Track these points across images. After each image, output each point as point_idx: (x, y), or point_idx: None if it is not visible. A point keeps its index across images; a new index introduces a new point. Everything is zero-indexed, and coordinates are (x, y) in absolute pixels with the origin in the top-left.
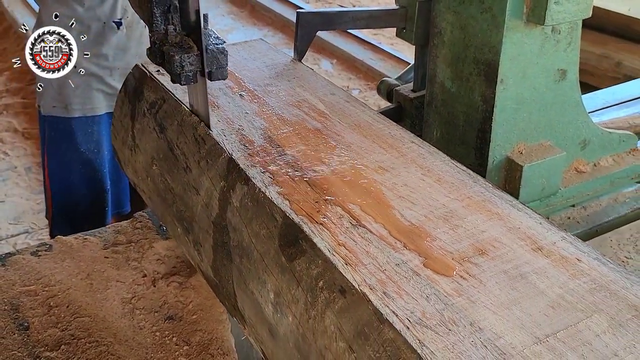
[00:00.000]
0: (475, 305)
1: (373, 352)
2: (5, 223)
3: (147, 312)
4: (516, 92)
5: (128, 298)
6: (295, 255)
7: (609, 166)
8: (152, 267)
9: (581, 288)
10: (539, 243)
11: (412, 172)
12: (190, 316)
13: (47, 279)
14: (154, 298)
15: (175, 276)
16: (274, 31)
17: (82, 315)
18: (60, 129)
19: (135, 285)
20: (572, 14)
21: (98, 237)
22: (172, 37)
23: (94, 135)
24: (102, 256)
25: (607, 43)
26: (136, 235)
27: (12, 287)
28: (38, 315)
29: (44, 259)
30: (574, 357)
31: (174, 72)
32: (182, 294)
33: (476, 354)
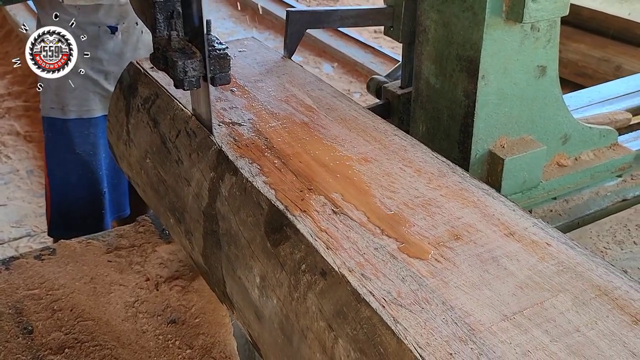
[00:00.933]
0: (448, 286)
1: (351, 330)
2: (8, 226)
3: (150, 315)
4: (497, 88)
5: (131, 302)
6: (280, 241)
7: (589, 160)
8: (155, 270)
9: (549, 270)
10: (511, 229)
11: (393, 163)
12: (193, 320)
13: (50, 283)
14: (157, 302)
15: (178, 280)
16: (275, 34)
17: (86, 319)
18: (57, 129)
19: (138, 289)
20: (549, 12)
21: (101, 241)
22: (175, 43)
23: (90, 137)
24: (106, 260)
25: (607, 46)
26: (139, 239)
27: (16, 291)
28: (42, 319)
29: (47, 263)
30: (538, 333)
31: (177, 77)
32: (185, 298)
33: (446, 330)
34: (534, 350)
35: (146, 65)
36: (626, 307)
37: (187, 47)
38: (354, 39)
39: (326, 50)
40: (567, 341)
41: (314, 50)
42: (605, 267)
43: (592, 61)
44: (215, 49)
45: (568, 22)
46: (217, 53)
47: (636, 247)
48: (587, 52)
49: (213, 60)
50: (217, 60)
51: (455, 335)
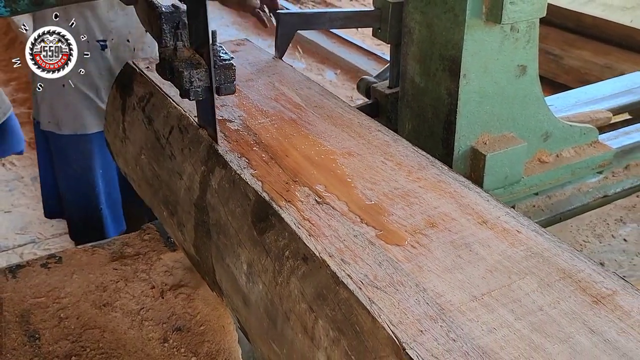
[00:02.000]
0: (422, 270)
1: (330, 310)
2: (12, 233)
3: (156, 323)
4: (478, 86)
5: (137, 309)
6: (266, 229)
7: (570, 157)
8: (160, 278)
9: (518, 255)
10: (484, 217)
11: (376, 157)
12: (198, 327)
13: (57, 291)
14: (162, 309)
15: (183, 287)
16: None
17: (92, 327)
18: (54, 144)
19: (144, 296)
20: (527, 14)
21: (107, 249)
22: (181, 53)
23: (85, 153)
24: (111, 268)
25: (610, 53)
26: (144, 247)
27: (23, 299)
28: (49, 327)
29: (54, 271)
30: (504, 312)
31: (183, 87)
32: (190, 305)
33: (418, 310)
34: (499, 327)
35: (142, 65)
36: (588, 288)
37: (192, 58)
38: (357, 46)
39: (329, 57)
40: (530, 319)
41: (317, 57)
42: (570, 252)
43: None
44: (221, 59)
45: (571, 29)
46: (222, 63)
47: (614, 240)
48: (589, 59)
49: (218, 70)
50: (222, 70)
51: (426, 314)
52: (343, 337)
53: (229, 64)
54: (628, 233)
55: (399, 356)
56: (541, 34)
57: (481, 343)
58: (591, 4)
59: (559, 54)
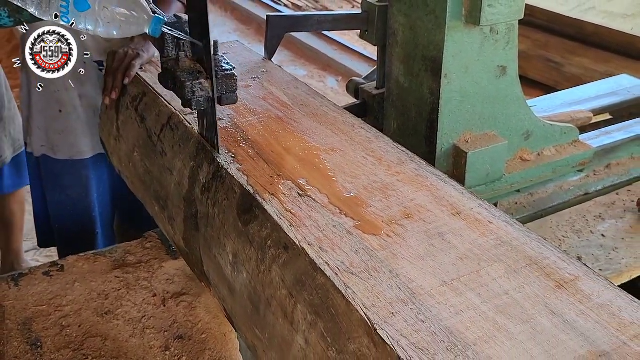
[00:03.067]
0: (396, 258)
1: (308, 295)
2: None
3: (157, 331)
4: (460, 86)
5: (138, 317)
6: (250, 220)
7: (551, 155)
8: (162, 286)
9: (488, 244)
10: (458, 209)
11: (357, 152)
12: (200, 335)
13: (59, 299)
14: (164, 317)
15: (184, 296)
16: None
17: (94, 335)
18: (47, 169)
19: (146, 304)
20: (505, 16)
21: (109, 257)
22: (183, 63)
23: (82, 179)
24: (113, 276)
25: (611, 61)
26: (146, 255)
27: (25, 307)
28: (51, 335)
29: (56, 279)
30: (471, 296)
31: (185, 97)
32: (192, 314)
33: (391, 294)
34: (466, 310)
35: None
36: (552, 274)
37: (194, 68)
38: (359, 53)
39: (331, 64)
40: (496, 302)
41: (319, 64)
42: (538, 241)
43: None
44: (222, 69)
45: (572, 37)
46: (224, 73)
47: (592, 235)
48: (590, 67)
49: (220, 80)
50: (224, 80)
51: (398, 298)
52: (320, 320)
53: (231, 74)
54: (606, 229)
55: (370, 336)
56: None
57: (448, 324)
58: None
59: (560, 62)
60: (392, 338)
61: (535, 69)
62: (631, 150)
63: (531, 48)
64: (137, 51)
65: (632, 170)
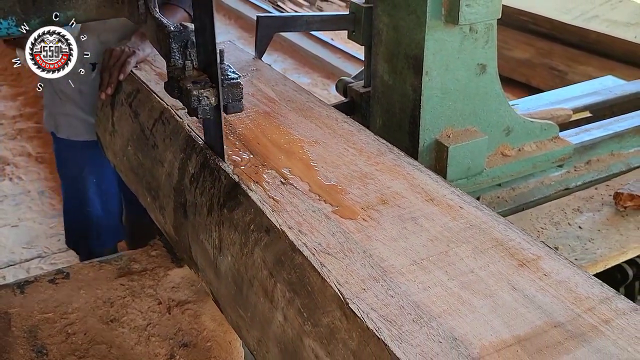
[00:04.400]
0: (371, 240)
1: (287, 274)
2: (19, 247)
3: (162, 339)
4: (441, 83)
5: (143, 325)
6: (234, 207)
7: (531, 151)
8: (167, 294)
9: (458, 227)
10: (431, 195)
11: (339, 144)
12: (205, 343)
13: (64, 306)
14: (169, 325)
15: (189, 304)
16: (284, 56)
17: (99, 343)
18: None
19: (151, 312)
20: (482, 15)
21: (114, 265)
22: (189, 72)
23: (77, 160)
24: (118, 284)
25: (614, 69)
26: (151, 262)
27: (31, 314)
28: (56, 342)
29: (61, 287)
30: (439, 273)
31: (191, 106)
32: (197, 321)
33: (363, 272)
34: (433, 286)
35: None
36: (516, 254)
37: (200, 76)
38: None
39: (334, 72)
40: (461, 279)
41: (323, 72)
42: (505, 224)
43: None
44: (228, 78)
45: (575, 45)
46: (230, 82)
47: (570, 227)
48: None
49: (226, 89)
50: (230, 88)
51: (370, 275)
52: (297, 297)
53: (236, 83)
54: (583, 221)
55: (342, 310)
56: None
57: (416, 299)
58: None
59: (563, 70)
60: (362, 311)
61: (539, 77)
62: (611, 147)
63: (535, 56)
64: (133, 49)
65: (612, 166)
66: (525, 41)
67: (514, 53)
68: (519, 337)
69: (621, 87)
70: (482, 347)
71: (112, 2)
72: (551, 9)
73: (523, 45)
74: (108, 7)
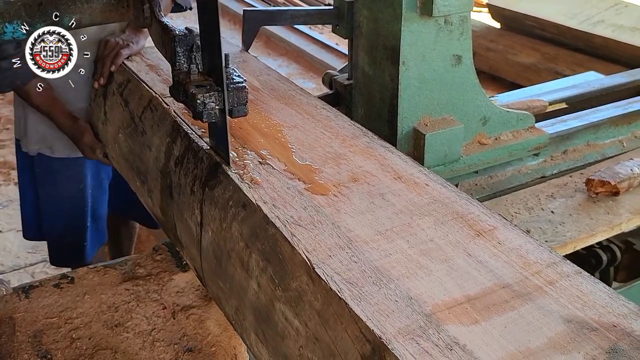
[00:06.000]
0: (339, 213)
1: (260, 244)
2: (24, 252)
3: (167, 344)
4: (417, 73)
5: (148, 330)
6: (215, 185)
7: (508, 140)
8: (171, 299)
9: (422, 202)
10: (400, 174)
11: (317, 129)
12: (209, 348)
13: (69, 311)
14: (174, 330)
15: (194, 308)
16: (288, 61)
17: (104, 348)
18: (43, 167)
19: (155, 317)
20: (456, 8)
21: (118, 270)
22: (194, 76)
23: (79, 175)
24: (123, 288)
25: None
26: (156, 267)
27: (35, 319)
28: (61, 347)
29: (66, 291)
30: (401, 242)
31: (196, 110)
32: (201, 326)
33: (330, 241)
34: (394, 252)
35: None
36: (474, 225)
37: (206, 80)
38: None
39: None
40: (421, 247)
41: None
42: (467, 199)
43: None
44: (233, 82)
45: (581, 50)
46: (235, 86)
47: (542, 212)
48: None
49: (231, 92)
50: (235, 92)
51: (337, 244)
52: (269, 265)
53: (242, 86)
54: (556, 206)
55: (309, 274)
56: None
57: (377, 264)
58: (601, 24)
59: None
60: (326, 275)
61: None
62: (587, 137)
63: (540, 61)
64: (127, 42)
65: (588, 156)
66: (530, 46)
67: (519, 58)
68: (469, 296)
69: (600, 80)
70: (434, 305)
71: (117, 6)
72: (557, 14)
73: (528, 50)
74: (113, 11)
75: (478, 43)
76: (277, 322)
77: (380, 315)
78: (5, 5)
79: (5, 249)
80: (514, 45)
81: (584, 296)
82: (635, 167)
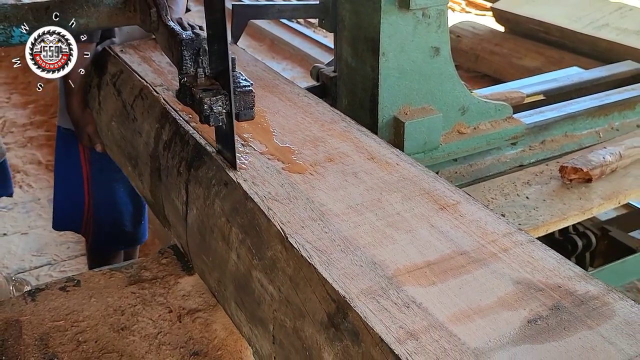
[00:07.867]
0: (314, 189)
1: (240, 219)
2: (29, 255)
3: (173, 347)
4: (397, 64)
5: (154, 333)
6: (199, 166)
7: (486, 129)
8: (177, 302)
9: (392, 179)
10: (373, 155)
11: (298, 114)
12: (215, 352)
13: (75, 314)
14: (180, 334)
15: (200, 312)
16: (292, 64)
17: (110, 351)
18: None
19: (161, 320)
20: (433, 1)
21: (124, 273)
22: (201, 80)
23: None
24: (129, 292)
25: None
26: (162, 270)
27: (42, 322)
28: (67, 350)
29: (72, 295)
30: (369, 215)
31: (203, 113)
32: (207, 330)
33: (304, 214)
34: (363, 224)
35: (117, 49)
36: (439, 200)
37: (212, 84)
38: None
39: None
40: (388, 219)
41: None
42: (434, 178)
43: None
44: (240, 86)
45: (585, 53)
46: (241, 90)
47: (518, 198)
48: None
49: (238, 96)
50: (241, 96)
51: (310, 217)
52: (248, 237)
53: (248, 90)
54: (531, 192)
55: (283, 243)
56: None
57: (346, 234)
58: (606, 28)
59: None
60: (299, 243)
61: None
62: (564, 128)
63: (545, 64)
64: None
65: (565, 146)
66: (535, 49)
67: (524, 61)
68: (429, 262)
69: (579, 74)
70: (396, 269)
71: (124, 10)
72: (561, 17)
73: (533, 53)
74: (120, 15)
75: (482, 47)
76: (254, 289)
77: (346, 278)
78: (12, 9)
79: (10, 252)
80: (519, 49)
81: (534, 261)
82: (607, 155)
